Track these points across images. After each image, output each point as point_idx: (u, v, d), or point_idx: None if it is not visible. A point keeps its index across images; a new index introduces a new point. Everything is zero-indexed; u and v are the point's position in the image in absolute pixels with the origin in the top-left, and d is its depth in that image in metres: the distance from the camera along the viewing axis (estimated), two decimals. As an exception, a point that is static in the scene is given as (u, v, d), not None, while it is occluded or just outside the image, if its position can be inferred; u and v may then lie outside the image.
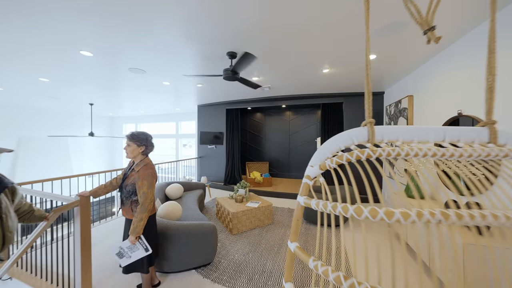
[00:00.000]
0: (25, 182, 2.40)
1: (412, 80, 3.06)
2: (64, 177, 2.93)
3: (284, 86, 3.90)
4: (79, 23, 1.82)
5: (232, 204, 3.17)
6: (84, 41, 2.14)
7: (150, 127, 8.87)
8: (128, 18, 1.76)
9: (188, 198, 3.29)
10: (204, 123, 5.94)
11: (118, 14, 1.70)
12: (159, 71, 3.09)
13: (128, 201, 1.59)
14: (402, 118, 3.26)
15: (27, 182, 2.41)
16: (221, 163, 5.68)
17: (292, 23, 1.82)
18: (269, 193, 4.78)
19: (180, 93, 4.60)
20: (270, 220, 3.20)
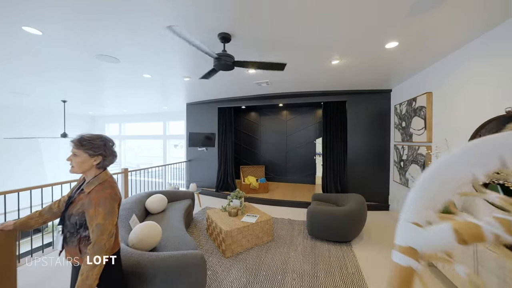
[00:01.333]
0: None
1: (430, 75, 2.70)
2: (34, 187, 2.31)
3: (284, 81, 3.45)
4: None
5: (225, 218, 2.68)
6: (27, 14, 1.60)
7: (135, 127, 8.21)
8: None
9: (172, 212, 2.77)
10: (193, 123, 5.41)
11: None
12: (136, 60, 2.56)
13: (74, 239, 1.06)
14: (417, 118, 2.90)
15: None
16: (213, 167, 5.17)
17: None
18: (266, 201, 4.32)
19: (165, 89, 4.05)
20: (270, 237, 2.74)
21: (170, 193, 3.33)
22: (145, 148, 8.84)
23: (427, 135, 2.68)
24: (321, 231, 2.69)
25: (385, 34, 1.92)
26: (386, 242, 2.71)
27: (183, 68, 2.84)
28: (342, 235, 2.60)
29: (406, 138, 3.20)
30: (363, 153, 4.10)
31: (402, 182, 3.33)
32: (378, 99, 4.02)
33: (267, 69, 1.92)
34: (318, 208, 2.70)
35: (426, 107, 2.69)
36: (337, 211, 2.59)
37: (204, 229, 3.10)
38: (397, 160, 3.53)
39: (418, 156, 2.87)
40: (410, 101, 3.08)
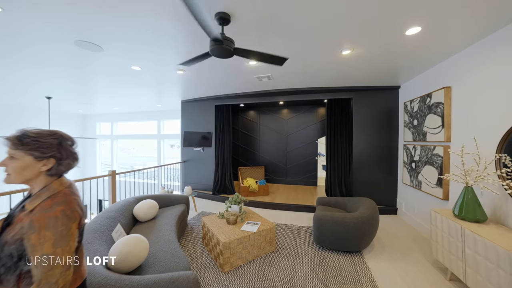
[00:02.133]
0: None
1: (448, 68, 2.46)
2: (11, 191, 1.90)
3: (287, 76, 3.18)
4: None
5: (223, 227, 2.40)
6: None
7: (128, 127, 7.85)
8: None
9: (164, 220, 2.47)
10: (189, 122, 5.10)
11: None
12: (123, 48, 2.26)
13: (11, 276, 0.75)
14: (433, 115, 2.66)
15: None
16: (209, 168, 4.88)
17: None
18: (267, 205, 4.05)
19: (158, 84, 3.75)
20: (273, 247, 2.47)
21: (162, 198, 3.03)
22: (140, 148, 8.49)
23: (445, 134, 2.44)
24: (329, 240, 2.42)
25: (408, 17, 1.67)
26: (400, 251, 2.46)
27: (177, 58, 2.55)
28: (353, 245, 2.35)
29: (419, 138, 2.97)
30: (369, 154, 3.86)
31: (413, 184, 3.09)
32: (385, 96, 3.79)
33: (268, 62, 1.68)
34: (327, 215, 2.44)
35: (444, 103, 2.45)
36: (348, 218, 2.33)
37: (199, 237, 2.81)
38: (407, 161, 3.29)
39: (434, 157, 2.63)
40: (424, 97, 2.84)
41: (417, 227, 3.06)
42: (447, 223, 1.92)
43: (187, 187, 3.78)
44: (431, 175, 2.69)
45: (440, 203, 2.56)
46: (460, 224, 1.79)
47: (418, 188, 2.97)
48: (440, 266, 2.18)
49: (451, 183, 2.40)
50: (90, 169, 7.97)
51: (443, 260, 1.99)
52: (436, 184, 2.59)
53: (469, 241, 1.67)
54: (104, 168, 8.18)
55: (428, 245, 2.59)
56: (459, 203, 1.90)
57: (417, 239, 2.78)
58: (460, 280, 1.88)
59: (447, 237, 1.93)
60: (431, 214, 2.16)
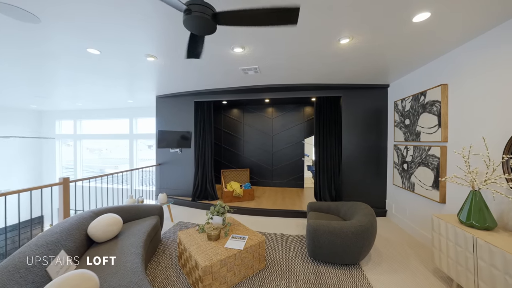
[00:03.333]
0: None
1: (445, 64, 2.35)
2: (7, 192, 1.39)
3: (275, 69, 2.87)
4: None
5: (203, 244, 2.00)
6: None
7: (95, 125, 6.96)
8: None
9: (129, 239, 2.00)
10: (165, 120, 4.56)
11: None
12: (71, 24, 1.75)
13: None
14: (428, 114, 2.54)
15: None
16: (188, 171, 4.39)
17: None
18: (253, 211, 3.70)
19: (126, 75, 3.19)
20: (262, 263, 2.13)
21: (128, 210, 2.52)
22: (115, 149, 7.60)
23: (442, 133, 2.32)
24: (325, 252, 2.16)
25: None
26: (399, 260, 2.28)
27: (146, 42, 2.09)
28: (352, 257, 2.10)
29: (412, 138, 2.86)
30: (359, 154, 3.73)
31: (405, 186, 2.98)
32: (374, 95, 3.68)
33: (269, 23, 1.19)
34: (322, 225, 2.16)
35: (441, 101, 2.33)
36: (346, 228, 2.09)
37: (175, 256, 2.37)
38: (398, 161, 3.19)
39: (429, 158, 2.51)
40: (417, 96, 2.73)
41: (409, 230, 2.95)
42: (454, 230, 1.75)
43: (162, 194, 3.28)
44: (426, 176, 2.57)
45: (436, 207, 2.44)
46: (469, 232, 1.63)
47: (411, 190, 2.86)
48: (441, 276, 2.03)
49: (449, 186, 2.28)
50: (48, 174, 6.92)
51: (448, 271, 1.82)
52: (432, 186, 2.47)
53: (483, 252, 1.50)
54: (66, 172, 7.16)
55: (425, 251, 2.46)
56: (466, 209, 1.74)
57: (412, 244, 2.64)
58: None
59: (453, 246, 1.76)
60: (432, 220, 1.99)
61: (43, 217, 6.31)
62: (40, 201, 2.38)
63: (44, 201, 2.55)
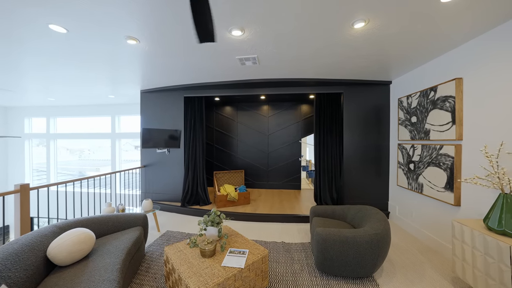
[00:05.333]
0: None
1: (458, 57, 2.18)
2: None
3: (276, 59, 2.60)
4: None
5: (195, 262, 1.67)
6: None
7: (72, 123, 6.33)
8: None
9: (103, 260, 1.62)
10: (151, 118, 4.14)
11: None
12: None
13: None
14: (439, 111, 2.38)
15: None
16: (177, 174, 4.00)
17: None
18: (249, 216, 3.40)
19: (102, 62, 2.77)
20: (266, 281, 1.84)
21: (104, 222, 2.13)
22: (98, 150, 6.96)
23: (456, 131, 2.15)
24: (336, 265, 1.90)
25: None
26: (413, 269, 2.08)
27: (123, 16, 1.72)
28: (365, 269, 1.87)
29: (419, 136, 2.69)
30: (360, 154, 3.55)
31: (412, 187, 2.82)
32: (376, 92, 3.51)
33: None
34: (333, 234, 1.91)
35: (456, 96, 2.16)
36: (360, 237, 1.84)
37: (161, 274, 2.01)
38: (403, 161, 3.02)
39: (441, 157, 2.34)
40: (426, 92, 2.56)
41: (415, 233, 2.78)
42: (483, 239, 1.56)
43: (146, 201, 2.89)
44: (437, 177, 2.40)
45: (450, 210, 2.27)
46: (505, 241, 1.43)
47: (419, 191, 2.69)
48: (463, 286, 1.84)
49: (464, 187, 2.12)
50: (15, 178, 6.18)
51: (474, 284, 1.62)
52: (444, 187, 2.30)
53: (525, 266, 1.30)
54: (37, 176, 6.45)
55: (437, 257, 2.29)
56: (496, 214, 1.55)
57: (421, 249, 2.46)
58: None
59: (482, 257, 1.57)
60: (454, 227, 1.80)
61: (4, 229, 5.63)
62: (2, 210, 1.93)
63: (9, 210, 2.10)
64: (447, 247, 2.28)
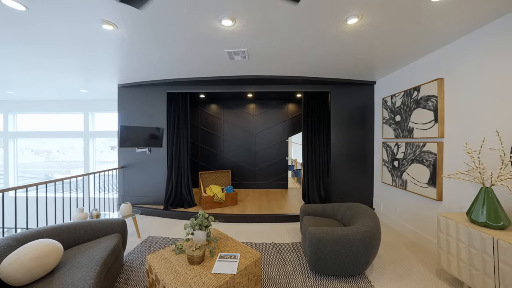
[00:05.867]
0: None
1: (440, 58, 2.29)
2: None
3: (265, 55, 2.52)
4: None
5: (182, 270, 1.52)
6: None
7: (38, 120, 5.68)
8: None
9: (72, 275, 1.40)
10: (130, 114, 3.82)
11: None
12: None
13: None
14: (422, 109, 2.47)
15: None
16: (160, 175, 3.75)
17: None
18: (237, 218, 3.28)
19: (73, 50, 2.47)
20: (258, 286, 1.74)
21: (75, 230, 1.88)
22: (67, 151, 6.31)
23: (438, 129, 2.25)
24: (329, 264, 1.87)
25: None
26: (401, 264, 2.13)
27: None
28: (358, 266, 1.86)
29: (403, 134, 2.79)
30: (347, 152, 3.61)
31: (396, 184, 2.91)
32: (361, 92, 3.61)
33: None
34: (327, 233, 1.87)
35: (438, 96, 2.26)
36: (352, 234, 1.83)
37: (142, 286, 1.82)
38: (388, 159, 3.12)
39: (424, 154, 2.44)
40: (410, 91, 2.66)
41: (400, 228, 2.88)
42: (467, 231, 1.62)
43: (125, 204, 2.64)
44: (420, 174, 2.50)
45: (432, 204, 2.37)
46: (487, 233, 1.49)
47: (403, 188, 2.79)
48: (447, 277, 1.92)
49: (446, 183, 2.22)
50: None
51: (458, 274, 1.69)
52: (427, 183, 2.39)
53: (507, 256, 1.36)
54: (-6, 180, 5.67)
55: (421, 251, 2.38)
56: (478, 207, 1.62)
57: (407, 244, 2.55)
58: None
59: (466, 248, 1.63)
60: (439, 221, 1.86)
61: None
62: None
63: None
64: (430, 240, 2.38)
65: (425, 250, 2.40)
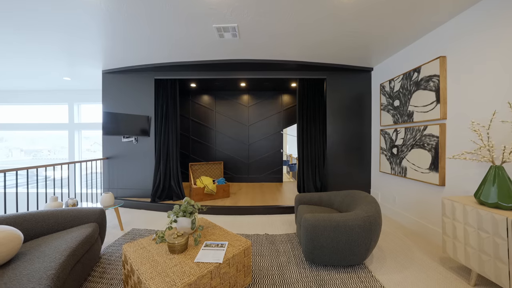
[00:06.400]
0: None
1: (441, 37, 2.16)
2: None
3: (258, 32, 2.35)
4: None
5: (161, 260, 1.34)
6: None
7: (17, 112, 5.37)
8: None
9: (31, 265, 1.21)
10: (115, 101, 3.60)
11: None
12: None
13: None
14: (422, 91, 2.35)
15: None
16: (147, 167, 3.54)
17: None
18: (229, 210, 3.10)
19: (50, 29, 2.25)
20: (249, 277, 1.57)
21: (42, 219, 1.67)
22: (58, 151, 5.97)
23: (441, 110, 2.12)
24: (327, 253, 1.71)
25: None
26: (402, 254, 1.99)
27: None
28: (358, 255, 1.71)
29: (403, 119, 2.66)
30: (343, 142, 3.48)
31: (395, 172, 2.79)
32: (358, 78, 3.47)
33: None
34: (323, 219, 1.72)
35: (440, 75, 2.13)
36: (351, 220, 1.68)
37: (119, 280, 1.63)
38: (386, 147, 3.00)
39: (425, 138, 2.31)
40: (410, 73, 2.54)
41: (399, 219, 2.76)
42: (476, 214, 1.48)
43: (106, 194, 2.43)
44: (421, 159, 2.37)
45: (434, 190, 2.24)
46: (499, 213, 1.36)
47: (402, 175, 2.66)
48: (451, 266, 1.78)
49: (449, 166, 2.09)
50: None
51: (466, 261, 1.55)
52: (429, 168, 2.27)
53: (523, 237, 1.23)
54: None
55: (422, 240, 2.25)
56: (488, 187, 1.49)
57: (407, 234, 2.42)
58: (491, 284, 1.47)
59: (475, 232, 1.49)
60: (444, 205, 1.72)
61: None
62: None
63: None
64: (432, 229, 2.25)
65: (427, 239, 2.27)
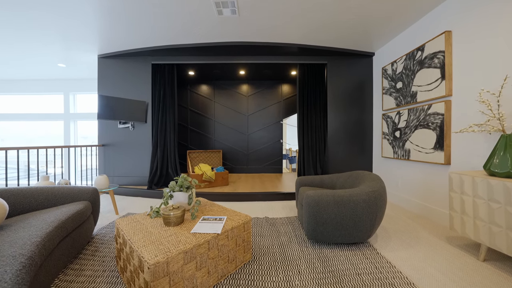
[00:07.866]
0: None
1: (444, 12, 2.09)
2: None
3: (259, 9, 2.27)
4: None
5: (155, 231, 1.26)
6: None
7: (11, 101, 5.26)
8: None
9: (15, 234, 1.12)
10: (111, 85, 3.51)
11: None
12: None
13: None
14: (427, 69, 2.28)
15: None
16: (144, 154, 3.45)
17: None
18: (228, 196, 3.02)
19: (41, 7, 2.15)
20: (248, 254, 1.50)
21: (32, 195, 1.59)
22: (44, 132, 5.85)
23: (446, 86, 2.06)
24: (330, 230, 1.64)
25: None
26: (408, 233, 1.93)
27: None
28: (363, 232, 1.64)
29: (406, 101, 2.60)
30: (345, 129, 3.41)
31: (398, 155, 2.72)
32: (359, 64, 3.41)
33: None
34: (326, 194, 1.65)
35: (445, 50, 2.06)
36: (356, 195, 1.61)
37: (112, 257, 1.55)
38: (388, 131, 2.93)
39: (430, 117, 2.25)
40: (413, 53, 2.47)
41: (403, 204, 2.69)
42: (487, 184, 1.42)
43: (101, 176, 2.34)
44: (425, 139, 2.31)
45: (439, 170, 2.18)
46: (511, 181, 1.30)
47: (405, 158, 2.60)
48: (459, 244, 1.72)
49: (455, 144, 2.03)
50: None
51: (475, 236, 1.49)
52: (434, 148, 2.20)
53: (538, 203, 1.16)
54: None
55: (427, 222, 2.19)
56: (499, 157, 1.42)
57: (411, 217, 2.36)
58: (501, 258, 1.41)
59: (485, 204, 1.43)
60: (451, 179, 1.66)
61: None
62: None
63: None
64: (438, 210, 2.19)
65: (433, 221, 2.21)
